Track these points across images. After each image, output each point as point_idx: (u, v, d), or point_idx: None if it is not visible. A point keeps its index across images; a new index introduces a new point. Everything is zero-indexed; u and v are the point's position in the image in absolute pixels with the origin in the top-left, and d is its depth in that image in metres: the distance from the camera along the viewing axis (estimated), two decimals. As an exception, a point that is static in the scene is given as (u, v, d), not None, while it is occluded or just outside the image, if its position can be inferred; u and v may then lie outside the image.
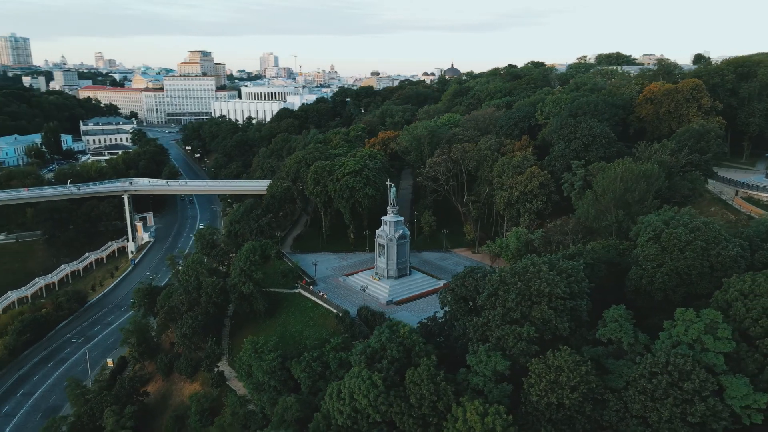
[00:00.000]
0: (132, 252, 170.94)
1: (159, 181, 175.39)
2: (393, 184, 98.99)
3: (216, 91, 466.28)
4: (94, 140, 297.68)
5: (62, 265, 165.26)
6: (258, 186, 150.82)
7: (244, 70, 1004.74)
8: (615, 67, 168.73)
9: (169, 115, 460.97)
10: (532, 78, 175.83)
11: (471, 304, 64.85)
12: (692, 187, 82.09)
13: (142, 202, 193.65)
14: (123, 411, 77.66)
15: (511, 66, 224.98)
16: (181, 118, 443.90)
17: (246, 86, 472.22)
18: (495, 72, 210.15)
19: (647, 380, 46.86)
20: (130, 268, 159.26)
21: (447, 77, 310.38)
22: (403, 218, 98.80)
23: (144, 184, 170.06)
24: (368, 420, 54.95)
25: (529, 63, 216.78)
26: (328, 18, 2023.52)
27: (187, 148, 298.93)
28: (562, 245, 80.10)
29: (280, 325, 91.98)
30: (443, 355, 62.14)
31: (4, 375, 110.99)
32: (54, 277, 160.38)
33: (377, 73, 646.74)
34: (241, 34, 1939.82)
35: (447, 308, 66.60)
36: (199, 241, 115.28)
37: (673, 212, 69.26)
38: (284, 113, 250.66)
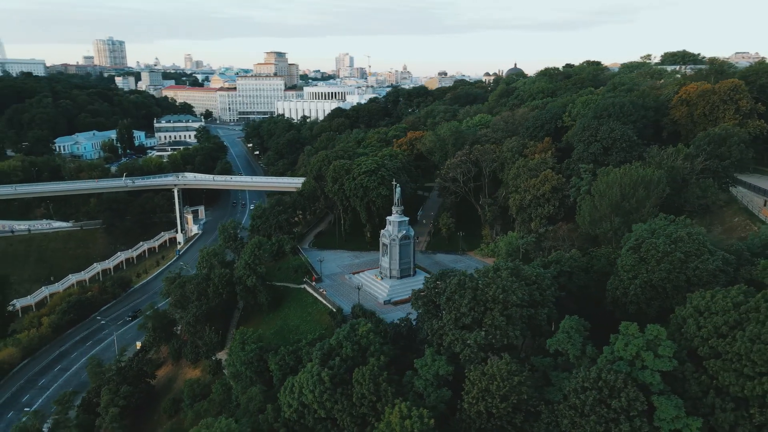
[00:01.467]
0: (180, 243, 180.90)
1: (205, 176, 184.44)
2: (398, 184, 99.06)
3: (285, 90, 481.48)
4: (165, 137, 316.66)
5: (118, 253, 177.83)
6: (293, 183, 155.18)
7: (319, 71, 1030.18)
8: (666, 67, 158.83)
9: (240, 113, 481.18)
10: (580, 78, 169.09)
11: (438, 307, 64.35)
12: (702, 196, 76.33)
13: (197, 196, 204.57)
14: (119, 390, 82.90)
15: (568, 65, 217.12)
16: (250, 116, 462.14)
17: (308, 86, 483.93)
18: (545, 72, 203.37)
19: (577, 395, 44.81)
20: (175, 257, 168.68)
21: (506, 77, 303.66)
22: (407, 218, 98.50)
23: (191, 178, 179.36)
24: (314, 415, 56.00)
25: (583, 62, 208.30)
26: (408, 18, 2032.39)
27: (249, 145, 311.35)
28: (553, 251, 77.16)
29: (281, 319, 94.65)
30: (403, 356, 62.05)
31: (47, 351, 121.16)
32: (110, 264, 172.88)
33: (444, 74, 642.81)
34: (321, 36, 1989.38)
35: (420, 310, 66.29)
36: (222, 234, 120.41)
37: (668, 221, 65.27)
38: (336, 112, 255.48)
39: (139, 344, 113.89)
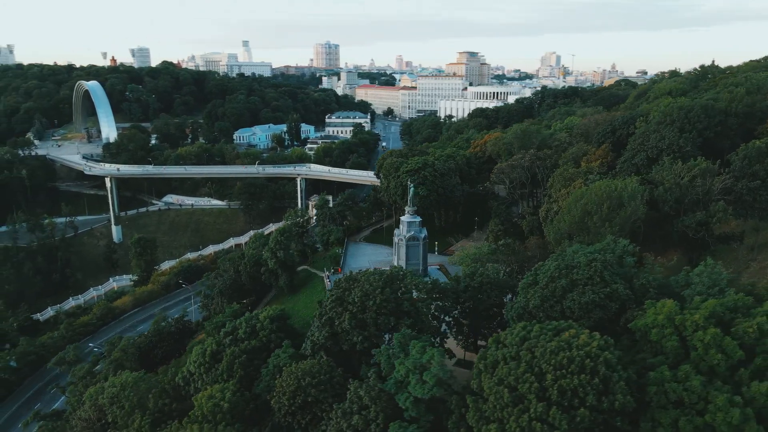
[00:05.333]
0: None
1: (322, 168, 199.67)
2: (412, 185, 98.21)
3: (464, 89, 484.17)
4: (332, 131, 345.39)
5: (250, 231, 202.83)
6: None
7: (518, 70, 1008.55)
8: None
9: (418, 111, 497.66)
10: (721, 78, 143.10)
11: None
12: (702, 221, 62.33)
13: (326, 186, 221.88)
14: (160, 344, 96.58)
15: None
16: (427, 113, 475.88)
17: (485, 86, 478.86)
18: (701, 72, 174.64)
19: (348, 416, 43.07)
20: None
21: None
22: (419, 219, 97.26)
23: (309, 169, 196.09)
24: (195, 385, 61.61)
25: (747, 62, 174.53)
26: (628, 12, 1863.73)
27: (403, 141, 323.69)
28: (505, 263, 70.57)
29: (294, 302, 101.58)
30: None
31: (154, 305, 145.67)
32: (243, 239, 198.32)
33: (645, 72, 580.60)
34: (532, 35, 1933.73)
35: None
36: (288, 220, 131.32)
37: (605, 244, 56.36)
38: (476, 112, 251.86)
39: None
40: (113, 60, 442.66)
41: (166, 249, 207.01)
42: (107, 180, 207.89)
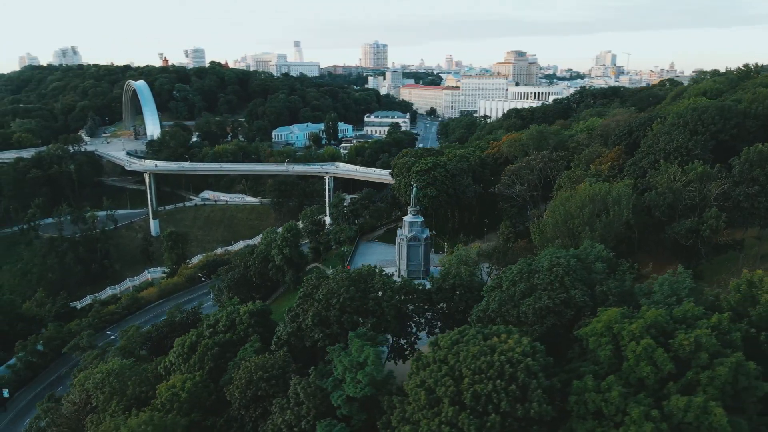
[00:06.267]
0: (326, 224, 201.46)
1: (349, 167, 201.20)
2: (415, 185, 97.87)
3: (509, 89, 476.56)
4: (371, 130, 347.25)
5: (279, 228, 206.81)
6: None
7: (570, 70, 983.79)
8: None
9: (461, 111, 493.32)
10: (755, 79, 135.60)
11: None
12: (693, 228, 59.39)
13: (354, 185, 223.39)
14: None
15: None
16: (471, 113, 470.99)
17: (533, 86, 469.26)
18: (744, 71, 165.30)
19: (283, 411, 43.57)
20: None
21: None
22: (422, 219, 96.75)
23: (337, 168, 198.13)
24: (174, 374, 63.58)
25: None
26: (690, 9, 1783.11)
27: (440, 141, 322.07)
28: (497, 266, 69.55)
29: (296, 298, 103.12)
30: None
31: (178, 297, 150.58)
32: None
33: (703, 72, 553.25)
34: (587, 33, 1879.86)
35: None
36: (304, 219, 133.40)
37: (582, 249, 54.85)
38: (511, 113, 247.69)
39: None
40: (165, 60, 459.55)
41: (200, 243, 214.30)
42: (146, 175, 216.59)
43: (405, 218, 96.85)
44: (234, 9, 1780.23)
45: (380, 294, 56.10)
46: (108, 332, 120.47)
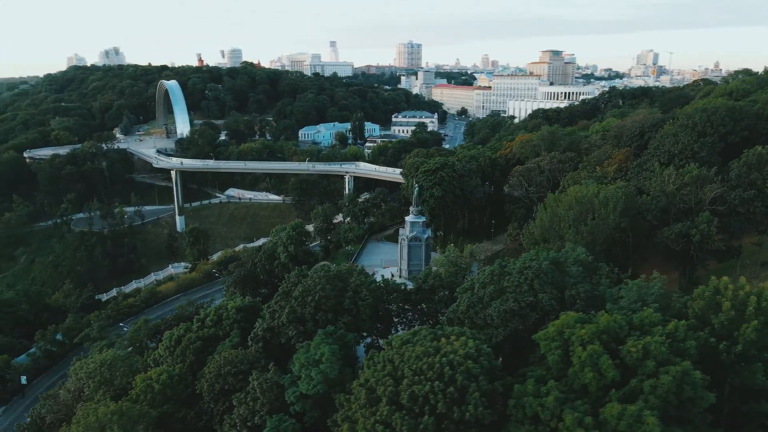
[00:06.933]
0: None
1: (369, 166, 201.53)
2: (418, 185, 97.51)
3: (538, 89, 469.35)
4: (398, 130, 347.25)
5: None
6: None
7: (610, 69, 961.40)
8: None
9: (492, 111, 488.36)
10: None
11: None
12: (683, 233, 57.39)
13: (374, 184, 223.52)
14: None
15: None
16: (502, 114, 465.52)
17: (564, 86, 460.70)
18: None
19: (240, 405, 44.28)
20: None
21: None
22: (423, 219, 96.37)
23: (356, 168, 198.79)
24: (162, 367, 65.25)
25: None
26: (747, 6, 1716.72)
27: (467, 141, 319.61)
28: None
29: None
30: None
31: (195, 292, 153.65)
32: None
33: (748, 71, 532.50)
34: (629, 32, 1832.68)
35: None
36: (316, 218, 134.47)
37: (564, 252, 53.90)
38: (535, 113, 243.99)
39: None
40: (200, 61, 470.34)
41: (223, 240, 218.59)
42: (172, 173, 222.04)
43: (407, 218, 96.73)
44: (269, 10, 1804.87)
45: (360, 293, 56.16)
46: (121, 324, 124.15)
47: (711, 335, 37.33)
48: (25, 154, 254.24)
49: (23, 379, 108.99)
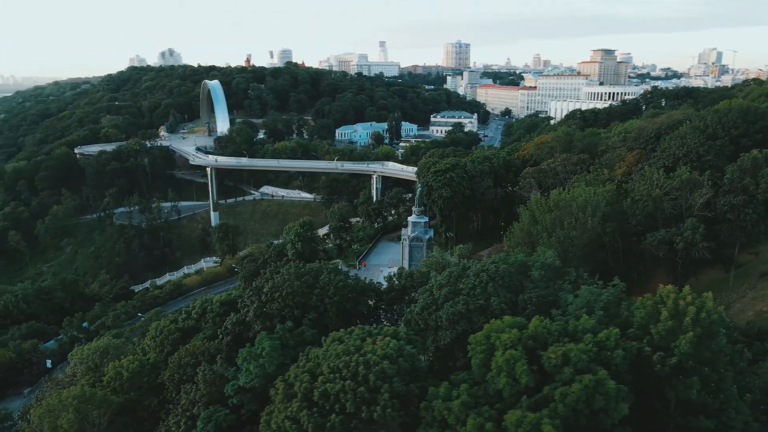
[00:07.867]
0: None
1: (396, 166, 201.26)
2: (421, 186, 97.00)
3: (581, 89, 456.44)
4: (436, 130, 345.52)
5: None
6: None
7: (668, 69, 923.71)
8: None
9: (537, 111, 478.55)
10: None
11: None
12: (665, 239, 54.80)
13: (402, 184, 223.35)
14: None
15: None
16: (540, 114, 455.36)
17: (613, 86, 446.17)
18: None
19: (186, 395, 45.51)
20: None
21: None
22: (425, 220, 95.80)
23: (381, 167, 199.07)
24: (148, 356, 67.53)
25: None
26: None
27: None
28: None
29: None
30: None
31: (217, 286, 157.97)
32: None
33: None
34: (691, 30, 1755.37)
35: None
36: (332, 217, 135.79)
37: (536, 255, 52.86)
38: (572, 114, 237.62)
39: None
40: (247, 61, 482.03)
41: (255, 236, 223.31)
42: (208, 169, 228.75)
43: (409, 218, 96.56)
44: (323, 11, 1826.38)
45: (327, 291, 56.51)
46: (140, 314, 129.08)
47: (650, 345, 35.78)
48: (76, 150, 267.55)
49: (48, 363, 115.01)
